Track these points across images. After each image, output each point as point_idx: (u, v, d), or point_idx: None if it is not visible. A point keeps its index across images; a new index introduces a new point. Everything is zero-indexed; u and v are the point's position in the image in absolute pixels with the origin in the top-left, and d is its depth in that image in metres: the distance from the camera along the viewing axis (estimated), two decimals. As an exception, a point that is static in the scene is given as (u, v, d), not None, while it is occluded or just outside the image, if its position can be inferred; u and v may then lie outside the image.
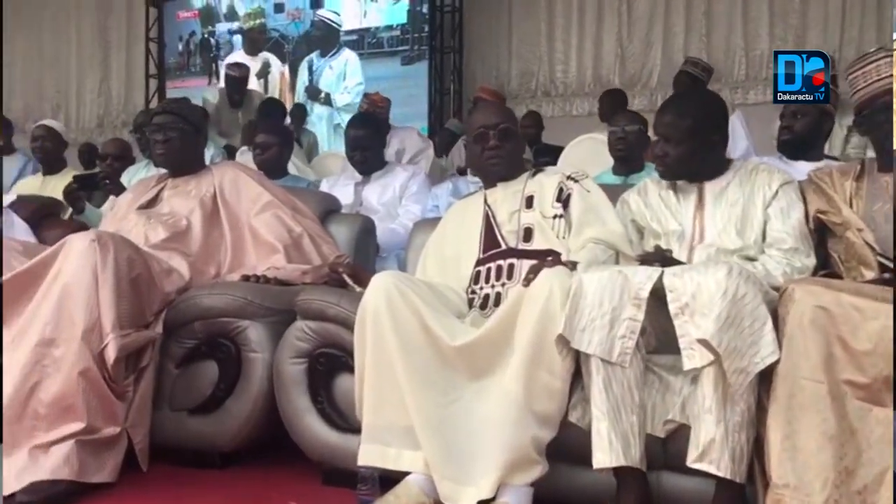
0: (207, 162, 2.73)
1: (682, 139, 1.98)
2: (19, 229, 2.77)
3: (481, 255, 2.10)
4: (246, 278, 2.27)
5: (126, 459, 2.01)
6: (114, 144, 3.95)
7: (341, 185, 3.27)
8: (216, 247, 2.48)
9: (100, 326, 1.94)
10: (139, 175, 3.65)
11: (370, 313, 1.82)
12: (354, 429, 1.91)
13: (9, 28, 8.72)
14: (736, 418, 1.56)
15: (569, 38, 6.92)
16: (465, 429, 1.74)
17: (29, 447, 1.88)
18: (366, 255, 2.69)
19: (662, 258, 1.84)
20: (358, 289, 2.09)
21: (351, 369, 1.93)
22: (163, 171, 2.68)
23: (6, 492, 1.84)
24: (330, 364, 2.01)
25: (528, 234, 2.08)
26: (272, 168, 3.29)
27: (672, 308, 1.62)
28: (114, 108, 8.55)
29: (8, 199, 3.02)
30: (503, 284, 2.01)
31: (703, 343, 1.55)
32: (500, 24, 7.26)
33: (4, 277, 2.04)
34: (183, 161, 2.56)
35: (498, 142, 2.11)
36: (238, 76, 5.43)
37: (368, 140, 3.19)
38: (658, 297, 1.66)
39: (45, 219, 3.01)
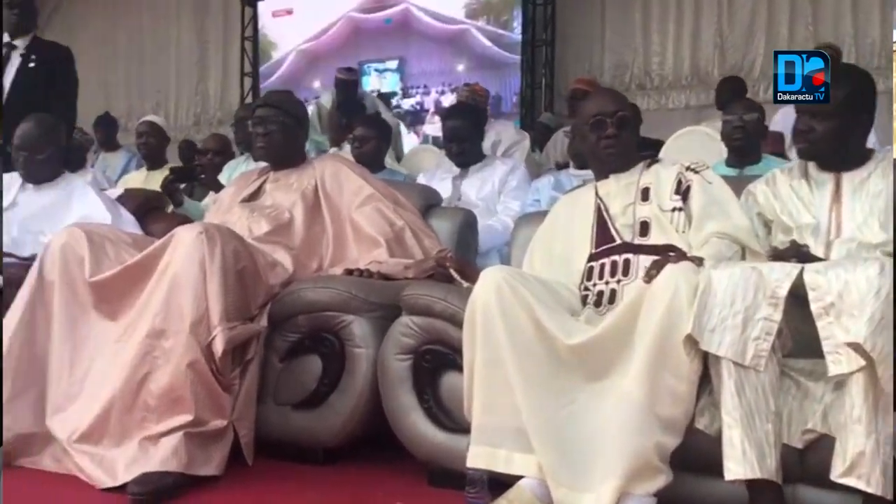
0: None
1: (832, 113, 1.82)
2: (127, 222, 2.82)
3: (594, 251, 2.00)
4: (349, 272, 2.23)
5: (231, 453, 2.00)
6: (214, 140, 4.01)
7: (438, 179, 3.21)
8: (318, 240, 2.45)
9: (207, 318, 1.93)
10: (239, 169, 3.69)
11: (480, 309, 1.74)
12: (462, 429, 1.84)
13: (112, 32, 9.10)
14: (888, 430, 1.42)
15: (665, 29, 6.69)
16: (581, 433, 1.65)
17: (139, 438, 1.89)
18: (467, 250, 2.62)
19: (799, 253, 1.70)
20: (465, 284, 2.02)
21: (458, 367, 1.87)
22: (263, 164, 2.68)
23: (118, 482, 1.85)
24: (436, 361, 1.95)
25: (644, 228, 1.96)
26: (370, 162, 3.26)
27: (814, 308, 1.48)
28: (210, 106, 8.76)
29: (115, 192, 3.08)
30: (618, 281, 1.91)
31: (854, 346, 1.41)
32: (593, 16, 7.09)
33: (116, 269, 2.06)
34: (284, 154, 2.54)
35: (616, 130, 2.00)
36: (347, 79, 5.31)
37: (467, 131, 3.12)
38: (795, 295, 1.53)
39: (151, 212, 3.06)
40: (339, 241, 2.45)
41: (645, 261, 1.83)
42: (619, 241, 1.97)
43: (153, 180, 3.85)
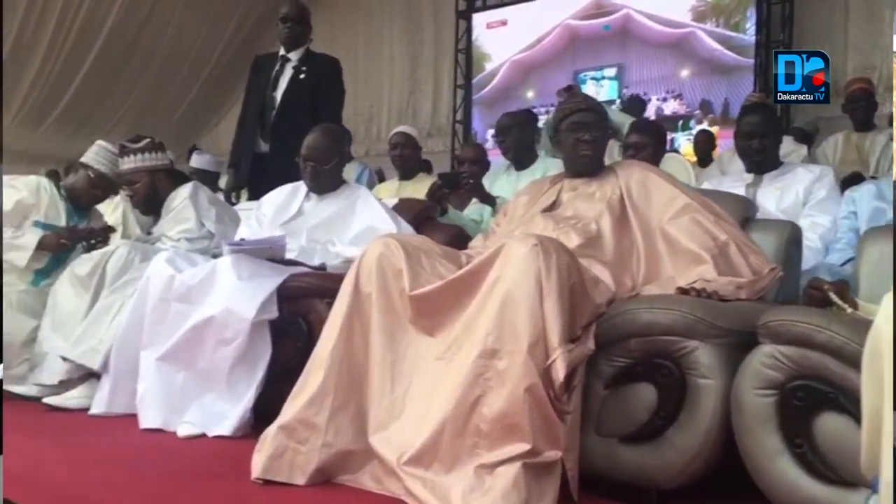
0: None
1: None
2: (406, 232, 2.76)
3: None
4: (684, 292, 1.99)
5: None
6: (471, 150, 3.94)
7: (727, 187, 2.91)
8: (628, 255, 2.24)
9: (545, 339, 1.76)
10: (499, 180, 3.57)
11: (888, 345, 1.44)
12: (849, 482, 1.55)
13: (330, 50, 9.45)
14: None
15: (923, 25, 5.96)
16: None
17: (473, 465, 1.75)
18: (790, 269, 2.31)
19: None
20: (849, 310, 1.73)
21: (841, 408, 1.59)
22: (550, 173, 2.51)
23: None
24: (811, 399, 1.66)
25: None
26: (647, 170, 3.01)
27: None
28: (422, 119, 8.89)
29: (391, 202, 3.04)
30: None
31: None
32: (835, 14, 6.50)
33: (440, 283, 1.95)
34: (600, 163, 2.37)
35: None
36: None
37: (766, 128, 2.81)
38: None
39: (425, 222, 3.00)
40: (650, 256, 2.22)
41: None
42: None
43: (406, 191, 3.83)
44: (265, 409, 2.36)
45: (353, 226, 2.77)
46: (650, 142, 3.12)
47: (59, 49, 8.66)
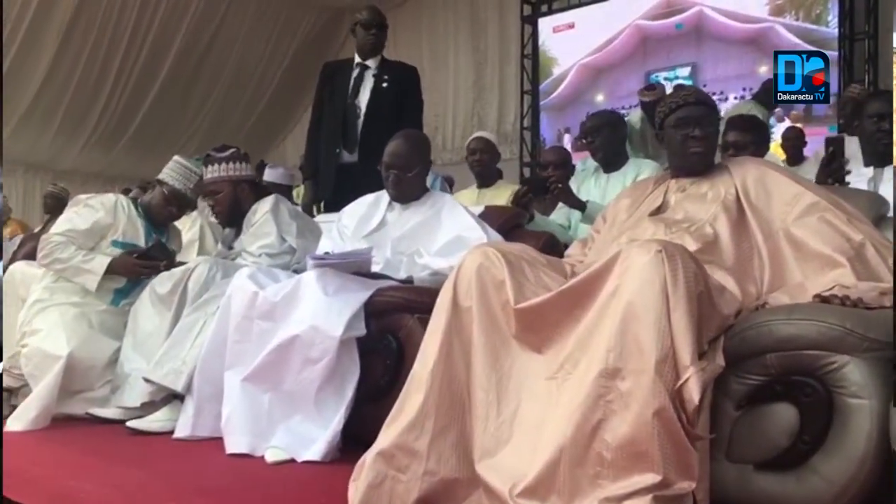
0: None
1: None
2: (495, 240, 2.60)
3: None
4: (824, 300, 1.78)
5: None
6: (554, 153, 3.78)
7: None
8: (748, 260, 2.03)
9: (674, 356, 1.58)
10: (587, 184, 3.38)
11: None
12: None
13: (394, 58, 9.41)
14: None
15: None
16: None
17: (597, 498, 1.57)
18: (934, 272, 2.06)
19: None
20: None
21: None
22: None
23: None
24: None
25: None
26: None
27: None
28: (487, 126, 8.73)
29: (476, 210, 2.89)
30: None
31: None
32: (923, 2, 6.12)
33: (549, 295, 1.78)
34: (712, 160, 2.18)
35: None
36: (649, 101, 4.86)
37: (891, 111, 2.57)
38: None
39: (513, 230, 2.84)
40: (774, 260, 2.01)
41: None
42: None
43: (486, 197, 3.68)
44: (353, 432, 2.24)
45: (439, 236, 2.63)
46: (751, 140, 2.90)
47: (129, 72, 8.85)
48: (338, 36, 9.49)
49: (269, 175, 4.91)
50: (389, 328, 2.34)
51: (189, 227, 3.50)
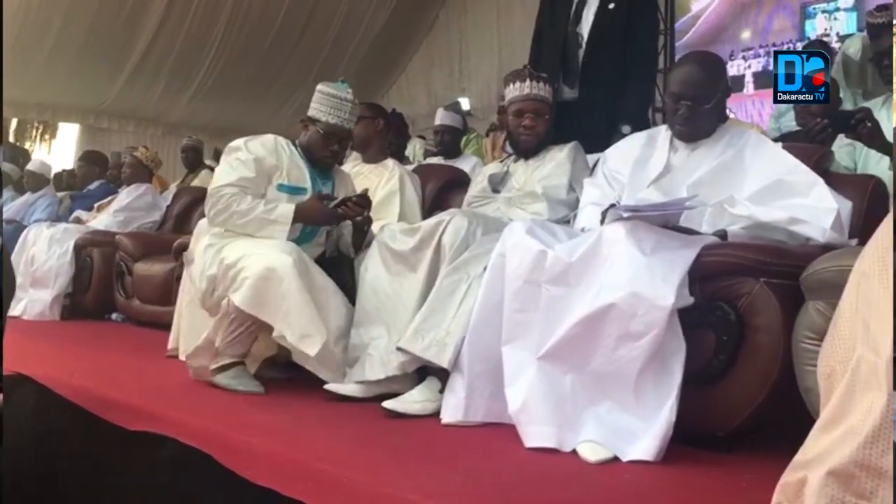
0: None
1: None
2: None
3: None
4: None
5: None
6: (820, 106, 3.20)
7: None
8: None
9: None
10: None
11: None
12: None
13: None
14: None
15: None
16: None
17: None
18: None
19: None
20: None
21: None
22: None
23: None
24: None
25: None
26: None
27: None
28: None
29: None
30: None
31: None
32: None
33: None
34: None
35: None
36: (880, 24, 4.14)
37: None
38: None
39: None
40: None
41: None
42: None
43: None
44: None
45: (747, 179, 2.14)
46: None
47: (240, 25, 8.55)
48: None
49: (442, 118, 4.48)
50: (724, 296, 1.87)
51: (387, 178, 3.06)
